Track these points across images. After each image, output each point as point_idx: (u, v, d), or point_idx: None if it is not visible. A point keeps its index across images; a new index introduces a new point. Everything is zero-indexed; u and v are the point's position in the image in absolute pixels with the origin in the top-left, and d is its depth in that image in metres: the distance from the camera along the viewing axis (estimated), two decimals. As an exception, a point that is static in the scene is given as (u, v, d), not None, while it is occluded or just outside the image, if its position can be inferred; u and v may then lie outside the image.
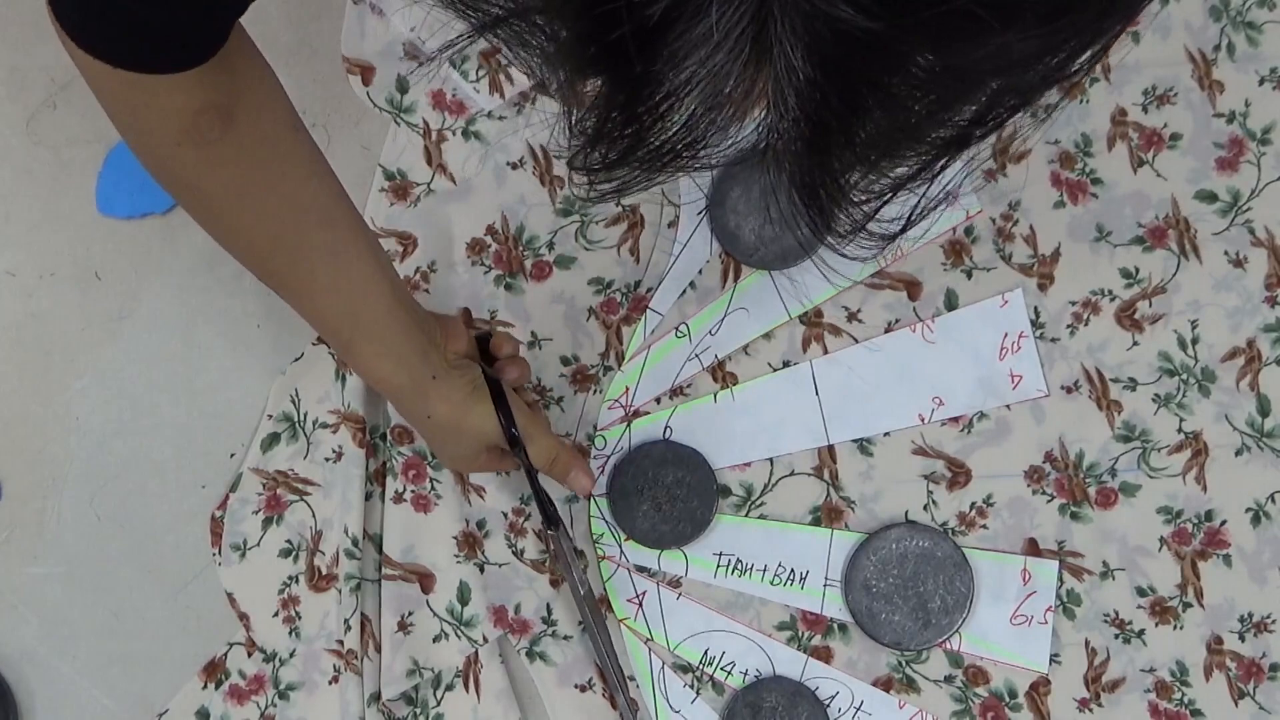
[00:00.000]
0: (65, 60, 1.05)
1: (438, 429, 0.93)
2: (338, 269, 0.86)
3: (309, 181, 0.84)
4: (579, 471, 0.97)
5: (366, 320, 0.88)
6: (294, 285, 0.88)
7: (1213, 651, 1.00)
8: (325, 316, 0.89)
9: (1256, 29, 1.03)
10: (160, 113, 0.77)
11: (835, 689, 1.01)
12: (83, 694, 1.02)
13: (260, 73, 0.81)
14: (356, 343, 0.89)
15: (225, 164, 0.80)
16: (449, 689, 1.01)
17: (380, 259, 0.88)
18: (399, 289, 0.89)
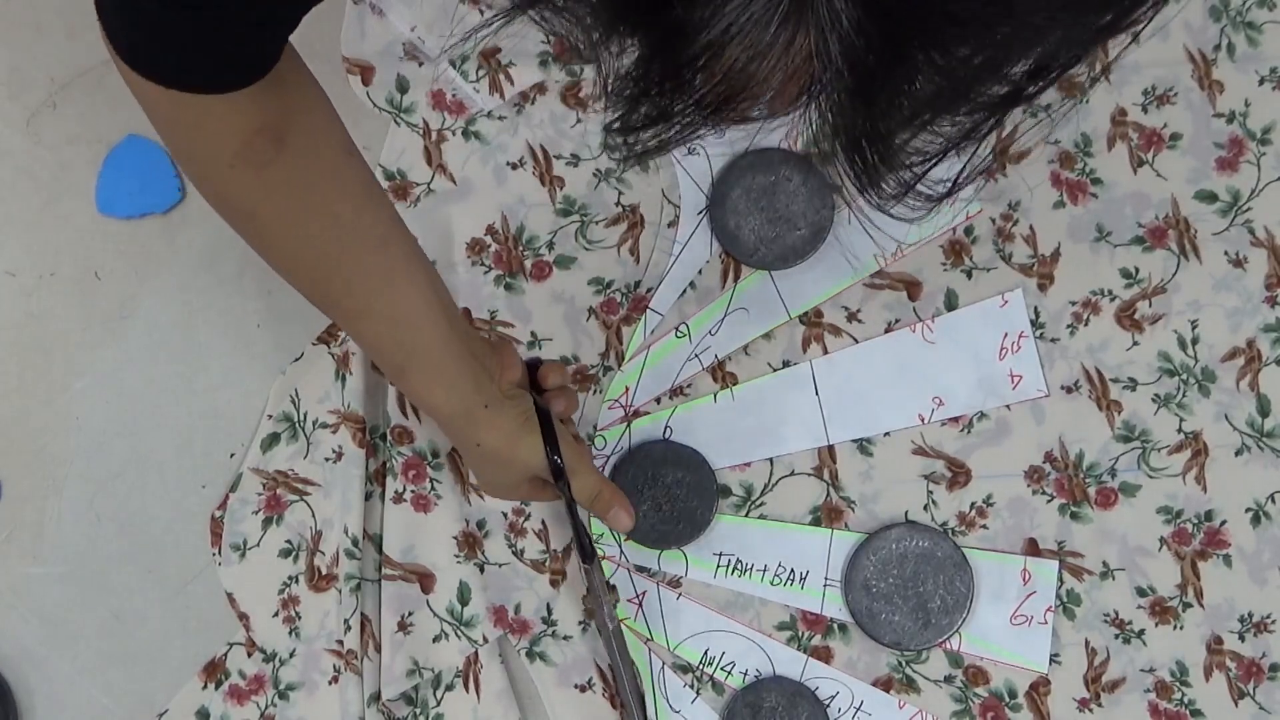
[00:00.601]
0: (65, 60, 1.05)
1: (485, 457, 0.92)
2: (391, 295, 0.85)
3: (363, 205, 0.84)
4: (620, 509, 0.95)
5: (419, 347, 0.87)
6: (347, 310, 0.88)
7: (1213, 651, 1.00)
8: (378, 342, 0.89)
9: (1256, 29, 1.03)
10: (213, 135, 0.76)
11: (835, 689, 1.01)
12: (83, 694, 1.02)
13: (313, 95, 0.81)
14: (409, 369, 0.88)
15: (278, 187, 0.80)
16: (449, 689, 1.01)
17: (435, 286, 0.87)
18: (454, 316, 0.88)
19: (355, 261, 0.84)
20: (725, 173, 1.04)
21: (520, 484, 0.94)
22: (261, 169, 0.78)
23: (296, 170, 0.80)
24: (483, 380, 0.89)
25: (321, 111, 0.81)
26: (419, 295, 0.86)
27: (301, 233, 0.83)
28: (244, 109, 0.75)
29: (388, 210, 0.86)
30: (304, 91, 0.80)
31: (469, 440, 0.91)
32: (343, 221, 0.83)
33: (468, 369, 0.88)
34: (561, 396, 0.95)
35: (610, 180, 1.04)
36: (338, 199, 0.82)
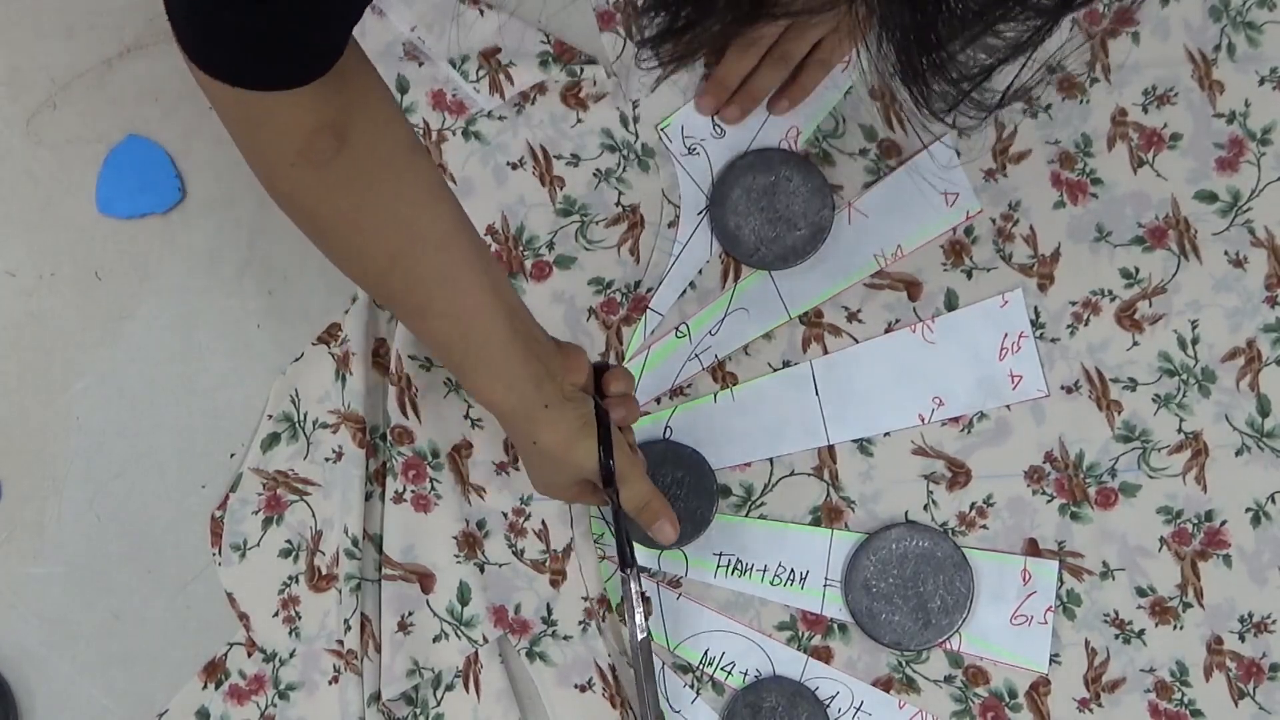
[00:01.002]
0: (65, 60, 1.05)
1: (540, 456, 0.91)
2: (452, 294, 0.85)
3: (426, 205, 0.84)
4: (666, 521, 0.94)
5: (479, 345, 0.87)
6: (407, 307, 0.88)
7: (1213, 651, 1.00)
8: (438, 339, 0.89)
9: (1256, 29, 1.03)
10: (276, 132, 0.77)
11: (835, 689, 1.00)
12: (83, 694, 1.02)
13: (376, 93, 0.81)
14: (468, 366, 0.88)
15: (339, 185, 0.80)
16: (449, 689, 1.01)
17: (499, 287, 0.87)
18: (518, 317, 0.88)
19: (415, 260, 0.84)
20: (725, 173, 1.04)
21: (571, 485, 0.93)
22: (322, 167, 0.78)
23: (357, 169, 0.80)
24: (544, 381, 0.88)
25: (384, 110, 0.81)
26: (480, 295, 0.85)
27: (362, 231, 0.83)
28: (305, 106, 0.75)
29: (451, 209, 0.85)
30: (367, 90, 0.80)
31: (526, 438, 0.90)
32: (403, 221, 0.83)
33: (529, 369, 0.88)
34: (623, 404, 0.94)
35: (610, 180, 1.04)
36: (398, 198, 0.82)
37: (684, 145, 1.04)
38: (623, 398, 0.95)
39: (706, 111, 1.04)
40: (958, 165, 1.03)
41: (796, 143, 1.04)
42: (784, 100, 1.03)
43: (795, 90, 1.03)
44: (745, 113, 1.04)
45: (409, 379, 1.02)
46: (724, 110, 1.04)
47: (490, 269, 0.87)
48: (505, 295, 0.88)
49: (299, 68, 0.73)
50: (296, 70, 0.73)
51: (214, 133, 1.04)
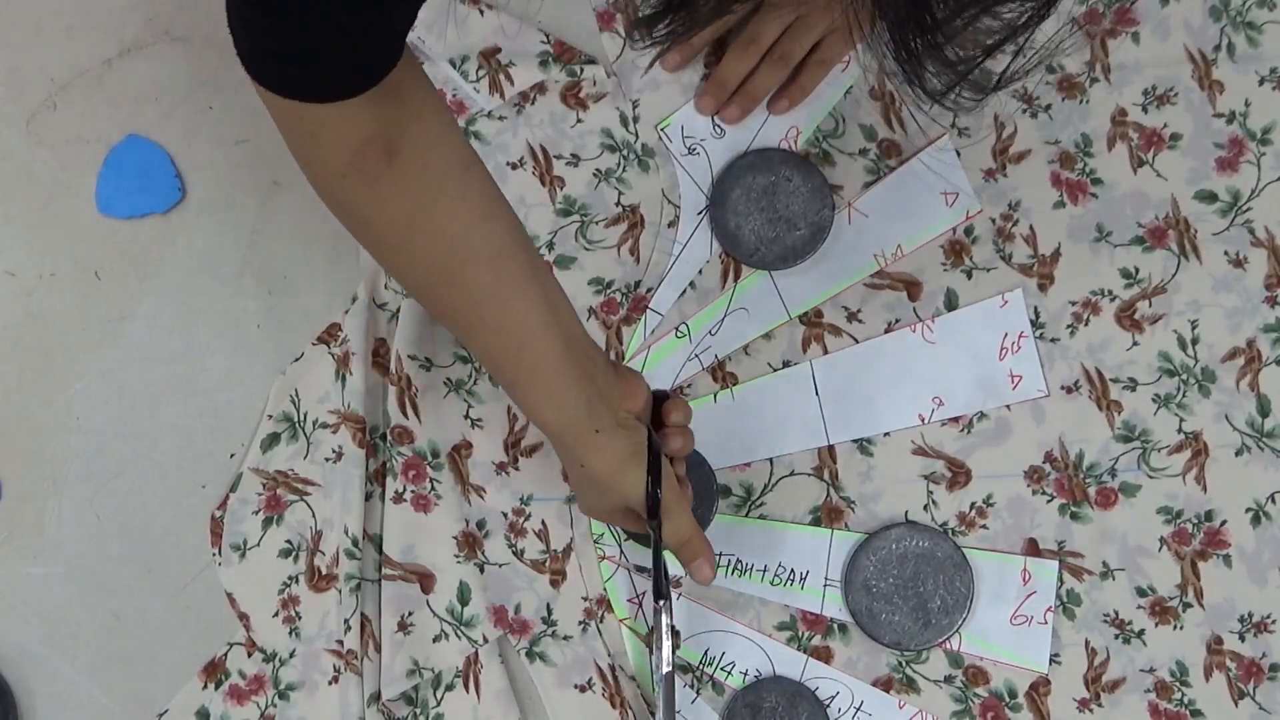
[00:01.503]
0: (65, 60, 1.06)
1: (588, 479, 0.90)
2: (503, 312, 0.85)
3: (479, 222, 0.83)
4: (704, 562, 0.93)
5: (530, 365, 0.86)
6: (457, 320, 0.88)
7: (1213, 651, 1.00)
8: (488, 355, 0.88)
9: (1256, 29, 1.03)
10: (327, 144, 0.78)
11: (835, 689, 1.00)
12: (83, 694, 1.02)
13: (430, 110, 0.81)
14: (519, 384, 0.88)
15: (388, 198, 0.80)
16: (449, 689, 1.01)
17: (554, 306, 0.86)
18: (573, 338, 0.87)
19: (466, 276, 0.84)
20: (725, 173, 1.04)
21: (616, 511, 0.93)
22: (372, 180, 0.79)
23: (406, 182, 0.80)
24: (596, 404, 0.87)
25: (437, 126, 0.81)
26: (532, 313, 0.85)
27: (412, 244, 0.83)
28: (355, 119, 0.76)
29: (505, 225, 0.85)
30: (420, 106, 0.80)
31: (574, 460, 0.89)
32: (453, 236, 0.82)
33: (580, 391, 0.87)
34: (680, 435, 0.93)
35: (610, 180, 1.04)
36: (449, 213, 0.82)
37: (684, 145, 1.05)
38: (679, 429, 0.94)
39: (706, 111, 1.04)
40: (958, 165, 1.03)
41: (796, 143, 1.04)
42: (784, 100, 1.03)
43: (795, 90, 1.03)
44: (745, 113, 1.04)
45: (409, 379, 1.02)
46: (724, 110, 1.04)
47: (546, 288, 0.86)
48: (560, 315, 0.87)
49: (346, 81, 0.74)
50: (344, 83, 0.74)
51: (214, 133, 1.05)
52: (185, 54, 1.06)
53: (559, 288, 0.88)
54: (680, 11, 0.52)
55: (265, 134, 1.05)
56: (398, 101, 0.77)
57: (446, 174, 0.82)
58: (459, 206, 0.82)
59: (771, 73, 1.03)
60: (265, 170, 1.05)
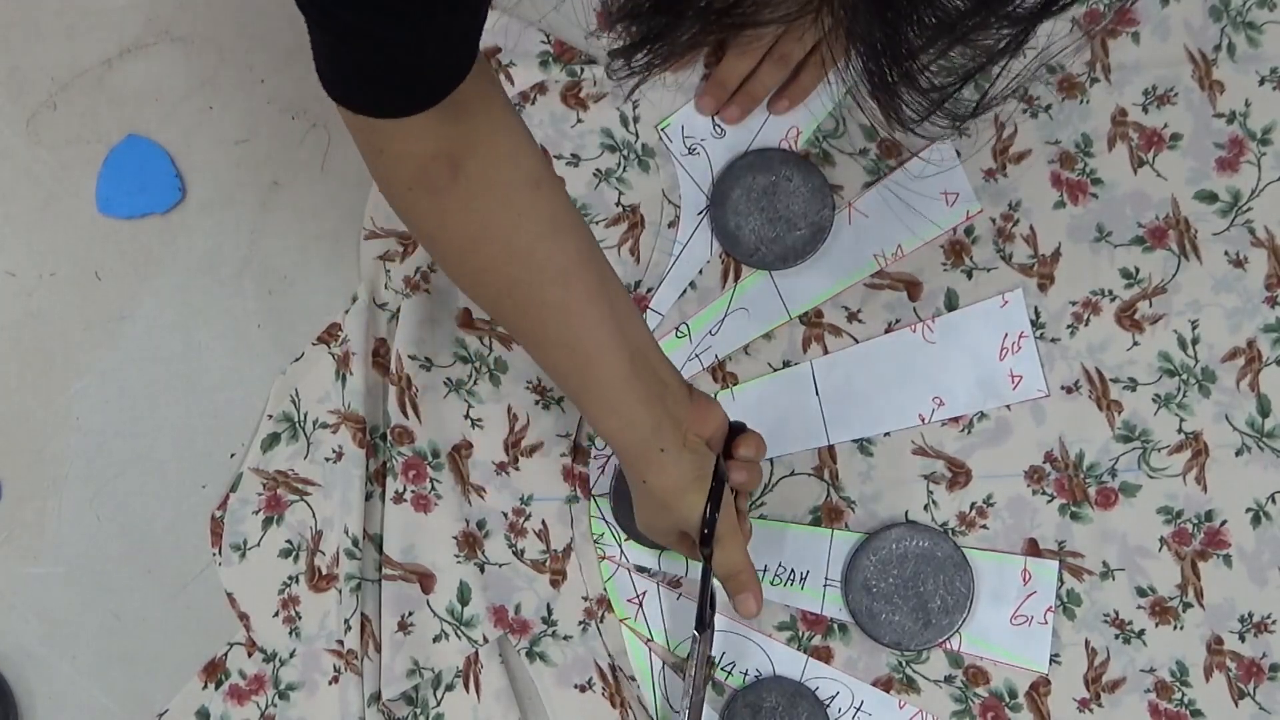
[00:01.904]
0: (65, 60, 1.06)
1: (648, 497, 0.90)
2: (569, 328, 0.85)
3: (546, 239, 0.83)
4: (752, 596, 0.93)
5: (595, 381, 0.86)
6: (523, 333, 0.88)
7: (1213, 651, 1.00)
8: (553, 368, 0.89)
9: (1256, 29, 1.03)
10: (394, 158, 0.79)
11: (835, 689, 1.00)
12: (83, 694, 1.02)
13: (501, 127, 0.81)
14: (585, 398, 0.88)
15: (453, 212, 0.81)
16: (449, 689, 1.01)
17: (622, 323, 0.86)
18: (642, 356, 0.87)
19: (532, 292, 0.84)
20: (725, 173, 1.04)
21: (672, 533, 0.92)
22: (437, 194, 0.80)
23: (472, 198, 0.81)
24: (664, 424, 0.87)
25: (506, 142, 0.82)
26: (600, 332, 0.85)
27: (478, 258, 0.84)
28: (420, 135, 0.77)
29: (575, 244, 0.85)
30: (489, 121, 0.81)
31: (637, 475, 0.89)
32: (519, 253, 0.83)
33: (648, 410, 0.87)
34: (747, 469, 0.93)
35: (610, 180, 1.04)
36: (515, 230, 0.82)
37: (684, 145, 1.05)
38: (749, 463, 0.93)
39: (706, 111, 1.04)
40: (958, 165, 1.03)
41: (796, 143, 1.04)
42: (784, 100, 1.03)
43: (795, 90, 1.03)
44: (745, 113, 1.04)
45: (409, 379, 1.02)
46: (724, 110, 1.04)
47: (616, 305, 0.86)
48: (630, 333, 0.86)
49: (409, 98, 0.75)
50: (407, 100, 0.75)
51: (214, 133, 1.05)
52: (185, 54, 1.06)
53: (632, 308, 0.88)
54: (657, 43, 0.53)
55: (265, 134, 1.05)
56: (464, 117, 0.78)
57: (513, 190, 0.82)
58: (525, 223, 0.83)
59: (771, 73, 1.03)
60: (265, 170, 1.05)
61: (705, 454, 0.89)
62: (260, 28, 1.06)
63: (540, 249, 0.83)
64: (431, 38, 0.72)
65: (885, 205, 1.03)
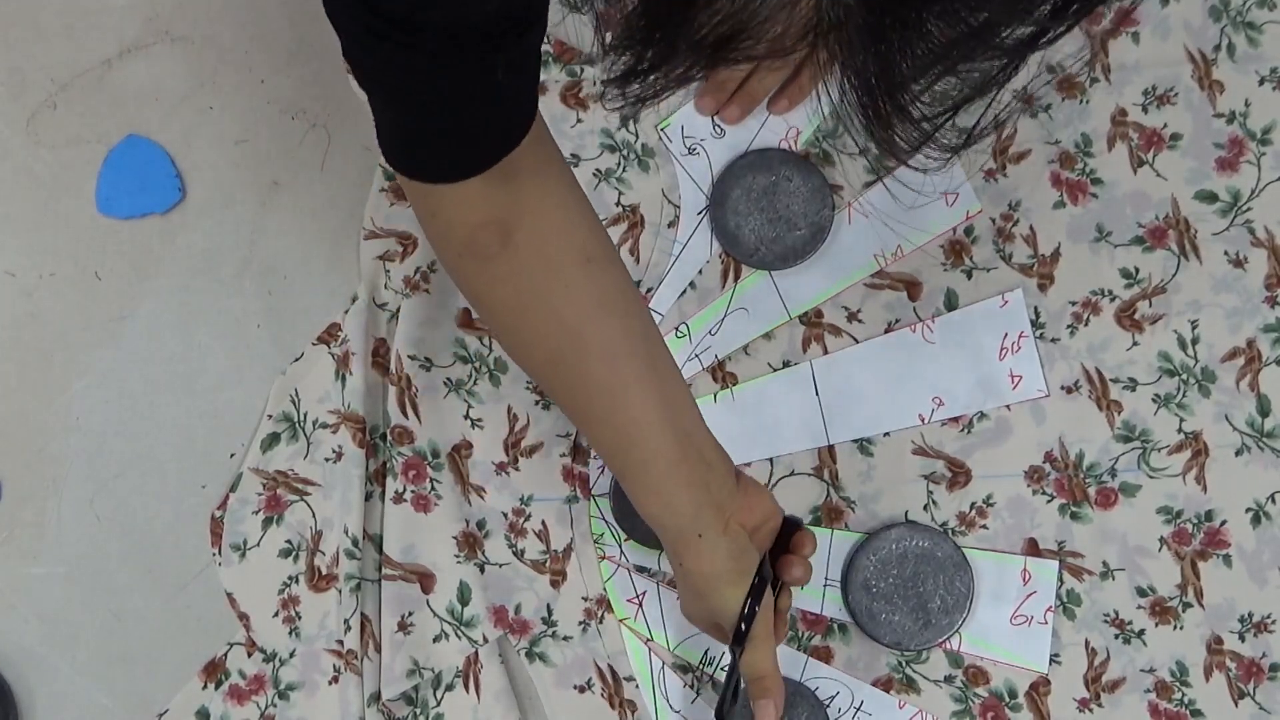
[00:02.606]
0: (65, 60, 1.06)
1: (685, 580, 0.89)
2: (614, 407, 0.84)
3: (595, 317, 0.83)
4: (772, 704, 0.90)
5: (639, 462, 0.85)
6: (568, 406, 0.88)
7: (1213, 651, 1.00)
8: (599, 444, 0.88)
9: (1256, 29, 1.03)
10: (445, 224, 0.80)
11: (835, 689, 1.00)
12: (83, 694, 1.02)
13: (555, 197, 0.81)
14: (628, 476, 0.87)
15: (501, 280, 0.81)
16: (449, 689, 1.01)
17: (673, 406, 0.85)
18: (689, 441, 0.85)
19: (576, 367, 0.83)
20: (725, 173, 1.04)
21: (707, 621, 0.91)
22: (486, 261, 0.80)
23: (521, 268, 0.81)
24: (705, 508, 0.86)
25: (559, 216, 0.82)
26: (647, 413, 0.84)
27: (524, 328, 0.84)
28: (471, 202, 0.78)
29: (626, 324, 0.84)
30: (542, 193, 0.81)
31: (676, 558, 0.88)
32: (567, 327, 0.82)
33: (690, 495, 0.85)
34: (799, 566, 0.91)
35: (610, 180, 1.04)
36: (564, 305, 0.82)
37: (684, 145, 1.05)
38: (802, 561, 0.91)
39: (706, 111, 1.04)
40: (958, 165, 1.03)
41: (796, 143, 1.04)
42: (784, 100, 1.03)
43: (795, 90, 1.03)
44: (745, 113, 1.04)
45: (409, 379, 1.02)
46: (724, 110, 1.04)
47: (666, 387, 0.85)
48: (677, 416, 0.85)
49: (458, 164, 0.76)
50: (456, 167, 0.76)
51: (214, 133, 1.05)
52: (185, 54, 1.06)
53: (683, 389, 0.87)
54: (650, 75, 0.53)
55: (265, 134, 1.05)
56: (516, 186, 0.78)
57: (563, 264, 0.82)
58: (574, 296, 0.82)
59: (772, 73, 1.03)
60: (265, 170, 1.05)
61: (745, 544, 0.87)
62: (260, 28, 1.06)
63: (588, 327, 0.83)
64: (489, 100, 0.73)
65: (885, 205, 1.03)
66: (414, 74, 0.71)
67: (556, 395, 0.89)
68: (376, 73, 0.73)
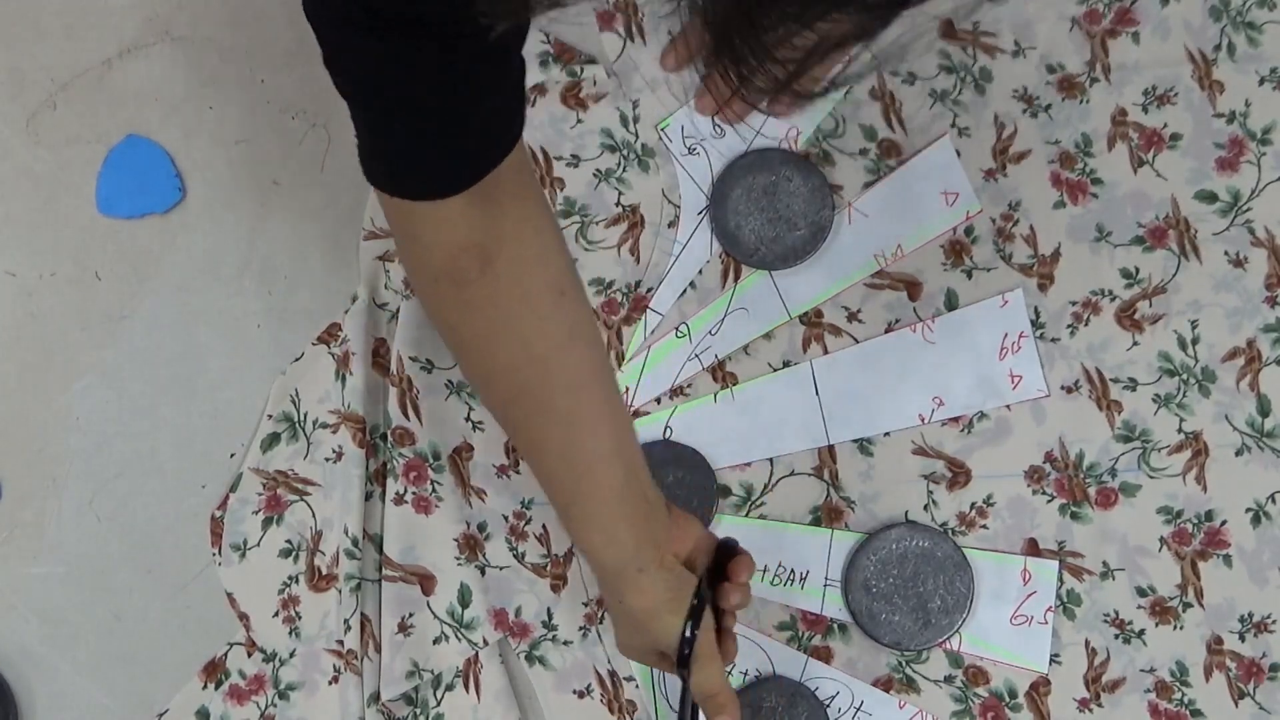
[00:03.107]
0: (65, 60, 1.06)
1: (625, 616, 0.89)
2: (571, 439, 0.85)
3: (564, 348, 0.83)
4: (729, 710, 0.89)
5: (587, 494, 0.86)
6: (525, 439, 0.88)
7: (1213, 651, 1.00)
8: (548, 477, 0.88)
9: (1256, 29, 1.03)
10: (425, 246, 0.79)
11: (835, 689, 1.01)
12: (83, 694, 1.02)
13: (534, 223, 0.81)
14: (573, 511, 0.87)
15: (476, 308, 0.81)
16: (449, 689, 1.01)
17: (622, 439, 0.86)
18: (635, 475, 0.86)
19: (540, 399, 0.84)
20: (725, 173, 1.04)
21: (650, 653, 0.91)
22: (463, 286, 0.80)
23: (497, 297, 0.81)
24: (645, 544, 0.86)
25: (537, 244, 0.82)
26: (600, 446, 0.85)
27: (493, 358, 0.83)
28: (453, 222, 0.77)
29: (591, 356, 0.85)
30: (522, 219, 0.80)
31: (614, 596, 0.89)
32: (535, 358, 0.82)
33: (632, 528, 0.86)
34: (738, 592, 0.90)
35: (610, 180, 1.04)
36: (535, 335, 0.82)
37: (684, 145, 1.04)
38: (741, 586, 0.91)
39: (706, 111, 1.04)
40: (958, 165, 1.03)
41: (796, 143, 1.04)
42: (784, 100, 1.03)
43: None
44: (745, 113, 1.04)
45: (410, 380, 1.02)
46: (724, 110, 1.04)
47: (618, 421, 0.86)
48: (627, 451, 0.86)
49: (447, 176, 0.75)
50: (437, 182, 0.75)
51: (214, 133, 1.05)
52: (185, 54, 1.06)
53: (629, 424, 0.88)
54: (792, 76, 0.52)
55: (265, 134, 1.05)
56: (497, 210, 0.78)
57: (539, 294, 0.82)
58: (546, 327, 0.82)
59: (771, 72, 1.03)
60: (265, 170, 1.05)
61: (682, 573, 0.88)
62: (260, 28, 1.06)
63: (556, 357, 0.83)
64: (475, 113, 0.73)
65: (885, 205, 1.03)
66: (399, 73, 0.70)
67: (514, 428, 0.88)
68: (360, 74, 0.72)
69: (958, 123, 1.03)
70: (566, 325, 0.83)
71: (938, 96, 1.04)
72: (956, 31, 1.04)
